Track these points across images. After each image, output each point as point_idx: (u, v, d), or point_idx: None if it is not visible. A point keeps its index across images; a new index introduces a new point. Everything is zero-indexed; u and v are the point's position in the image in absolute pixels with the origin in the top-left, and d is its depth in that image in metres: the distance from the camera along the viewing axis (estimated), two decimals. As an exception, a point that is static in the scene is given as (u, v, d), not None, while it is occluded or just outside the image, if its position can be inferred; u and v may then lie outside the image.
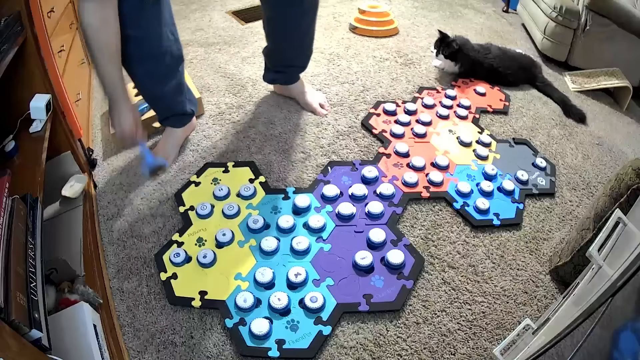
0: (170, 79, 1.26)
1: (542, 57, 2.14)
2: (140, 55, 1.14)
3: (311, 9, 1.40)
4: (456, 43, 1.75)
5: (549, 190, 1.35)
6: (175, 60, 1.25)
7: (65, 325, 0.80)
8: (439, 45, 1.79)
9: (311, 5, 1.39)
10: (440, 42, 1.79)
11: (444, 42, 1.77)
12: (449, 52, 1.77)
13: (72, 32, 1.67)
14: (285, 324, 0.96)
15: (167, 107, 1.34)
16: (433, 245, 1.15)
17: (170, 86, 1.27)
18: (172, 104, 1.33)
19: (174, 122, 1.38)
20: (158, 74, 1.23)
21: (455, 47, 1.75)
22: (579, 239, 1.01)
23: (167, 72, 1.24)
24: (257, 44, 2.07)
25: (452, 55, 1.77)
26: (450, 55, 1.77)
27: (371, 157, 1.41)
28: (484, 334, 0.97)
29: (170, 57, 1.21)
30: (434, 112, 1.63)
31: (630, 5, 1.86)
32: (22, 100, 1.08)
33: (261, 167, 1.36)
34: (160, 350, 0.93)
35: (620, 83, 1.84)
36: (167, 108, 1.34)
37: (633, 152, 1.58)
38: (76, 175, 1.25)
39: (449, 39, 1.76)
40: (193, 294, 1.01)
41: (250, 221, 1.16)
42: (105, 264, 1.10)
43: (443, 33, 1.78)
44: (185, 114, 1.39)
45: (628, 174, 0.90)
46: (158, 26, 1.14)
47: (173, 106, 1.34)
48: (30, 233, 0.79)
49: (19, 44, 1.00)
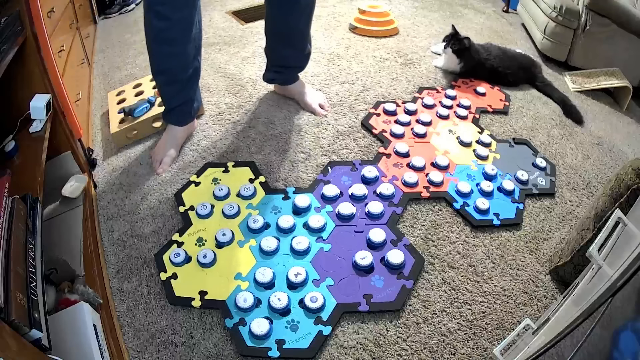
0: (190, 66, 1.28)
1: (542, 57, 2.14)
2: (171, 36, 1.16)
3: (307, 8, 1.40)
4: (468, 41, 1.76)
5: (549, 190, 1.35)
6: (197, 50, 1.27)
7: (65, 325, 0.80)
8: (449, 39, 1.79)
9: (307, 4, 1.39)
10: (451, 37, 1.79)
11: (455, 37, 1.77)
12: (458, 48, 1.77)
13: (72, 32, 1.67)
14: (285, 324, 0.96)
15: (179, 94, 1.33)
16: (433, 245, 1.15)
17: (188, 74, 1.28)
18: (185, 92, 1.34)
19: (178, 116, 1.38)
20: (182, 57, 1.24)
21: (466, 45, 1.76)
22: (579, 239, 1.01)
23: (189, 59, 1.26)
24: (257, 44, 2.07)
25: (459, 51, 1.78)
26: (458, 51, 1.77)
27: (371, 157, 1.41)
28: (484, 334, 0.97)
29: (195, 43, 1.24)
30: (434, 112, 1.63)
31: (630, 5, 1.86)
32: (22, 100, 1.08)
33: (261, 167, 1.36)
34: (160, 350, 0.93)
35: (620, 83, 1.84)
36: (179, 95, 1.33)
37: (633, 152, 1.58)
38: (76, 175, 1.25)
39: (460, 36, 1.77)
40: (193, 294, 1.01)
41: (250, 221, 1.16)
42: (105, 264, 1.10)
43: (455, 29, 1.79)
44: (191, 111, 1.39)
45: (628, 174, 0.90)
46: (193, 9, 1.18)
47: (185, 94, 1.34)
48: (30, 233, 0.79)
49: (19, 44, 1.00)
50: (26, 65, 1.08)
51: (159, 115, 1.51)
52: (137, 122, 1.46)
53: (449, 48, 1.78)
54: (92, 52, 2.10)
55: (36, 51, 1.07)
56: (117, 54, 2.11)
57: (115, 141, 1.46)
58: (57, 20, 1.39)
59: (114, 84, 1.83)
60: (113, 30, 2.42)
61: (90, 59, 2.00)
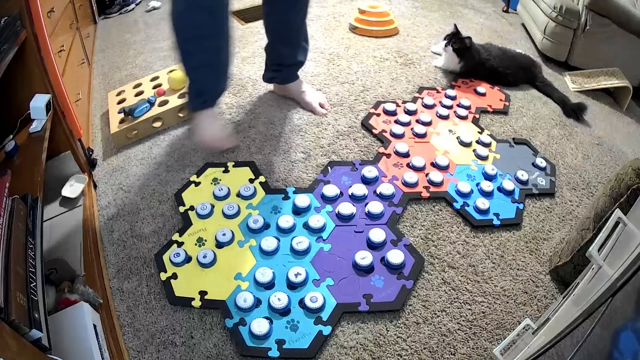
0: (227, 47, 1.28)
1: (542, 57, 2.14)
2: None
3: (304, 6, 1.41)
4: (470, 41, 1.76)
5: (549, 190, 1.35)
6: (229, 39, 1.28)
7: (65, 325, 0.80)
8: (450, 38, 1.79)
9: (305, 2, 1.40)
10: (452, 36, 1.79)
11: (457, 37, 1.77)
12: (459, 47, 1.77)
13: (72, 32, 1.67)
14: (285, 324, 0.96)
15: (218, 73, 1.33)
16: (433, 245, 1.15)
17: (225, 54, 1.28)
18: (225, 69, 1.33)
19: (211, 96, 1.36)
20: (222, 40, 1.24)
21: (467, 44, 1.76)
22: (579, 239, 1.01)
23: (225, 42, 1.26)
24: (257, 44, 2.07)
25: (460, 50, 1.78)
26: (459, 50, 1.77)
27: (371, 157, 1.41)
28: (484, 334, 0.97)
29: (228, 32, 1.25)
30: (434, 112, 1.63)
31: (630, 5, 1.86)
32: (22, 100, 1.08)
33: (261, 167, 1.36)
34: (160, 350, 0.93)
35: (620, 83, 1.84)
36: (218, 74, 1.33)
37: (633, 152, 1.58)
38: (76, 175, 1.25)
39: (461, 35, 1.77)
40: (193, 294, 1.01)
41: (250, 221, 1.16)
42: (105, 264, 1.10)
43: (457, 28, 1.79)
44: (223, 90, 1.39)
45: (628, 174, 0.90)
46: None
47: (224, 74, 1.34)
48: (30, 233, 0.79)
49: (19, 44, 1.00)
50: (26, 65, 1.08)
51: (159, 115, 1.51)
52: (137, 122, 1.47)
53: (450, 47, 1.78)
54: (92, 52, 2.10)
55: (36, 51, 1.07)
56: (117, 54, 2.11)
57: (115, 141, 1.46)
58: (57, 20, 1.39)
59: (114, 84, 1.83)
60: (113, 30, 2.42)
61: (90, 59, 2.00)
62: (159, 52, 2.08)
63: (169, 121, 1.54)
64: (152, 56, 2.04)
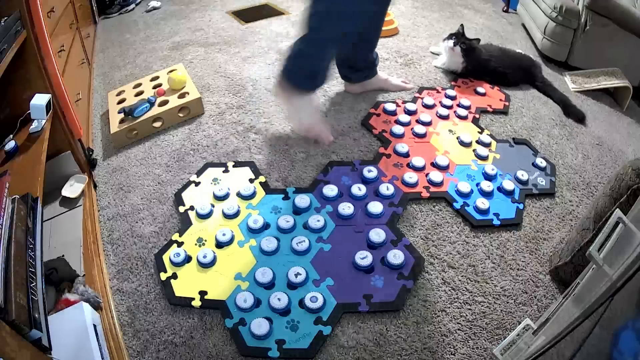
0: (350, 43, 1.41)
1: (542, 57, 2.14)
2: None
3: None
4: (478, 42, 1.77)
5: (549, 190, 1.35)
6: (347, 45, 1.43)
7: (65, 325, 0.80)
8: (456, 38, 1.79)
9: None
10: (459, 36, 1.79)
11: (464, 37, 1.77)
12: (466, 47, 1.77)
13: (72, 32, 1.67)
14: (285, 324, 0.96)
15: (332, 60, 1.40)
16: (433, 245, 1.15)
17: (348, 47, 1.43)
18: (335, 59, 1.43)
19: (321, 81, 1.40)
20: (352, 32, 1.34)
21: (474, 45, 1.77)
22: (579, 239, 1.01)
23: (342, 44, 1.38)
24: (257, 44, 2.07)
25: (466, 51, 1.78)
26: (466, 50, 1.78)
27: (371, 157, 1.41)
28: (484, 334, 0.97)
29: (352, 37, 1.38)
30: (434, 112, 1.63)
31: (630, 5, 1.86)
32: (22, 100, 1.08)
33: (261, 167, 1.36)
34: (160, 350, 0.93)
35: (620, 83, 1.84)
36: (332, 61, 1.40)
37: (633, 152, 1.58)
38: (76, 175, 1.25)
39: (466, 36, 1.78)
40: (193, 294, 1.01)
41: (250, 221, 1.16)
42: (105, 264, 1.10)
43: (463, 29, 1.79)
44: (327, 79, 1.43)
45: (628, 174, 0.90)
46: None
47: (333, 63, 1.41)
48: (30, 233, 0.79)
49: (19, 44, 1.00)
50: (26, 65, 1.08)
51: (159, 115, 1.51)
52: (137, 122, 1.47)
53: (458, 46, 1.78)
54: (92, 52, 2.10)
55: (36, 51, 1.08)
56: (117, 54, 2.11)
57: (115, 141, 1.46)
58: (57, 20, 1.39)
59: (114, 84, 1.83)
60: (113, 30, 2.42)
61: (90, 59, 2.00)
62: (159, 52, 2.08)
63: (169, 121, 1.54)
64: (152, 56, 2.04)
